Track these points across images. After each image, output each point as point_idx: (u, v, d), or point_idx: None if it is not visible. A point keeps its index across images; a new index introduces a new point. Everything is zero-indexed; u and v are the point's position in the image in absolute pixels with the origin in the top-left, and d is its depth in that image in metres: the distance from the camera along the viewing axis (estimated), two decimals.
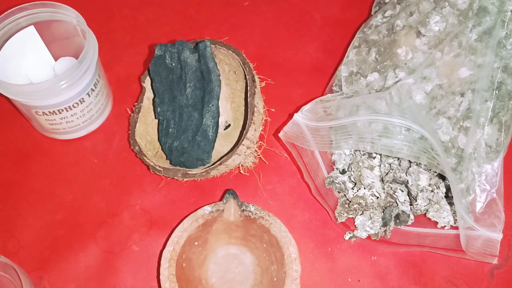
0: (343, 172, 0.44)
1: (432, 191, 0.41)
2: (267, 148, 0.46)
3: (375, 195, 0.42)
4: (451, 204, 0.40)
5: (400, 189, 0.42)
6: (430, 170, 0.41)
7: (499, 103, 0.38)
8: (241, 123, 0.47)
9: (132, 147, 0.43)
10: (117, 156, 0.47)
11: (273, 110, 0.47)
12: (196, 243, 0.40)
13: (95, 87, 0.44)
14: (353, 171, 0.43)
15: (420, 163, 0.40)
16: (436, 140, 0.37)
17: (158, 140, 0.45)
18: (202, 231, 0.40)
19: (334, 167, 0.44)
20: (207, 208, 0.40)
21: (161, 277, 0.38)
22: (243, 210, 0.40)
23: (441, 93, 0.39)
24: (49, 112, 0.42)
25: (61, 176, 0.46)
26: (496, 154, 0.38)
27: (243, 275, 0.40)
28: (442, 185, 0.41)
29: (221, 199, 0.41)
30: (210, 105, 0.42)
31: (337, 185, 0.43)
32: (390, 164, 0.42)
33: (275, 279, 0.39)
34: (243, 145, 0.41)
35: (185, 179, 0.42)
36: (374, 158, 0.43)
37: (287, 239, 0.39)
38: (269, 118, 0.47)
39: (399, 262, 0.42)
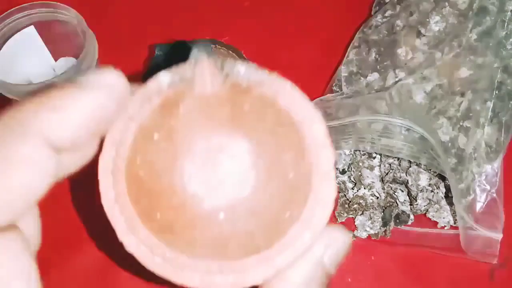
0: (343, 172, 0.44)
1: (432, 191, 0.41)
2: None
3: (375, 195, 0.42)
4: (451, 204, 0.40)
5: (400, 189, 0.42)
6: (430, 170, 0.41)
7: (499, 103, 0.38)
8: None
9: None
10: None
11: None
12: (155, 136, 0.25)
13: None
14: (353, 171, 0.43)
15: (420, 163, 0.40)
16: (436, 140, 0.37)
17: None
18: (163, 116, 0.24)
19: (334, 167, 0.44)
20: (164, 78, 0.24)
21: (104, 203, 0.22)
22: (226, 75, 0.25)
23: (441, 93, 0.39)
24: None
25: None
26: (496, 154, 0.38)
27: (238, 174, 0.25)
28: (442, 185, 0.41)
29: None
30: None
31: (337, 185, 0.43)
32: (390, 164, 0.42)
33: (291, 176, 0.24)
34: None
35: None
36: (374, 158, 0.43)
37: (307, 112, 0.23)
38: None
39: (399, 262, 0.42)
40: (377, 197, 0.42)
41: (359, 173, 0.42)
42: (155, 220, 0.22)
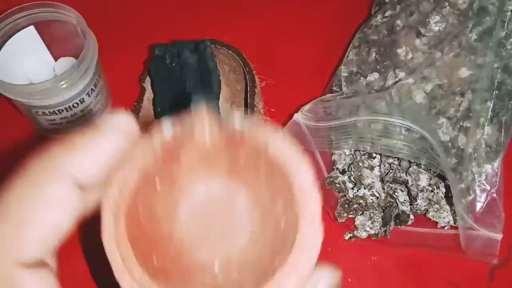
0: (343, 172, 0.44)
1: (432, 191, 0.41)
2: None
3: (375, 195, 0.42)
4: (451, 204, 0.40)
5: (400, 189, 0.42)
6: (430, 170, 0.41)
7: (499, 103, 0.38)
8: None
9: None
10: None
11: (273, 110, 0.47)
12: (157, 185, 0.24)
13: (95, 87, 0.44)
14: (353, 171, 0.43)
15: (420, 163, 0.40)
16: (436, 140, 0.37)
17: None
18: (164, 165, 0.24)
19: (334, 167, 0.44)
20: (167, 130, 0.24)
21: (104, 241, 0.22)
22: (223, 126, 0.24)
23: (441, 93, 0.39)
24: (49, 112, 0.42)
25: None
26: (496, 154, 0.38)
27: (235, 227, 0.25)
28: (442, 185, 0.41)
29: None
30: (210, 105, 0.42)
31: (337, 185, 0.43)
32: (390, 164, 0.42)
33: (282, 224, 0.24)
34: None
35: None
36: (374, 158, 0.43)
37: (294, 159, 0.23)
38: (269, 118, 0.47)
39: (399, 262, 0.42)
40: (377, 197, 0.42)
41: (359, 173, 0.42)
42: (151, 263, 0.22)
